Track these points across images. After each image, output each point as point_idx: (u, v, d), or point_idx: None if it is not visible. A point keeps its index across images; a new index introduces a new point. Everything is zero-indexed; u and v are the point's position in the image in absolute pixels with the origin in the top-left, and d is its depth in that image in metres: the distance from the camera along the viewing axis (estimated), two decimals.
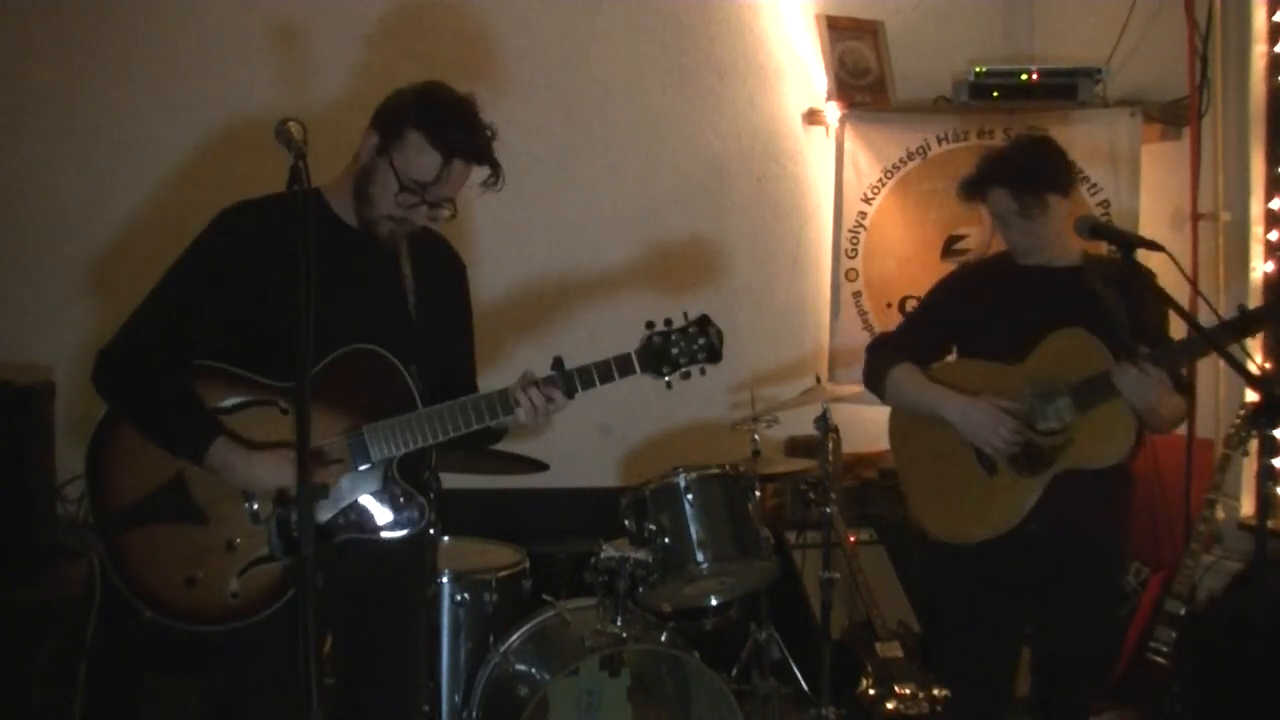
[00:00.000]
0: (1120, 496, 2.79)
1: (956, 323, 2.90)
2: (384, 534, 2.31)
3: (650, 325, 2.36)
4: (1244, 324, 2.52)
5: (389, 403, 2.27)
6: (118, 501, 2.24)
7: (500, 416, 2.28)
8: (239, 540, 2.23)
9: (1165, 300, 2.58)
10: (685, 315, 2.38)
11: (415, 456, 2.35)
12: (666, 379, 2.35)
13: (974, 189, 2.80)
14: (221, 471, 2.18)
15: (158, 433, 2.21)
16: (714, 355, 2.37)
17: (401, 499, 2.31)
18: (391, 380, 2.28)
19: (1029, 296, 2.77)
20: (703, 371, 2.38)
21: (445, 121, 2.21)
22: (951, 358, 2.94)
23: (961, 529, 2.80)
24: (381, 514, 2.31)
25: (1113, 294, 2.59)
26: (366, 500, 2.30)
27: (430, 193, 2.22)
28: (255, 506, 2.24)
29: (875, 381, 2.94)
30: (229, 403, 2.24)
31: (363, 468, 2.27)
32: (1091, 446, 2.64)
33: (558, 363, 2.32)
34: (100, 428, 2.26)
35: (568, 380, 2.30)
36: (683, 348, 2.34)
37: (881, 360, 2.92)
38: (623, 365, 2.32)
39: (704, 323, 2.37)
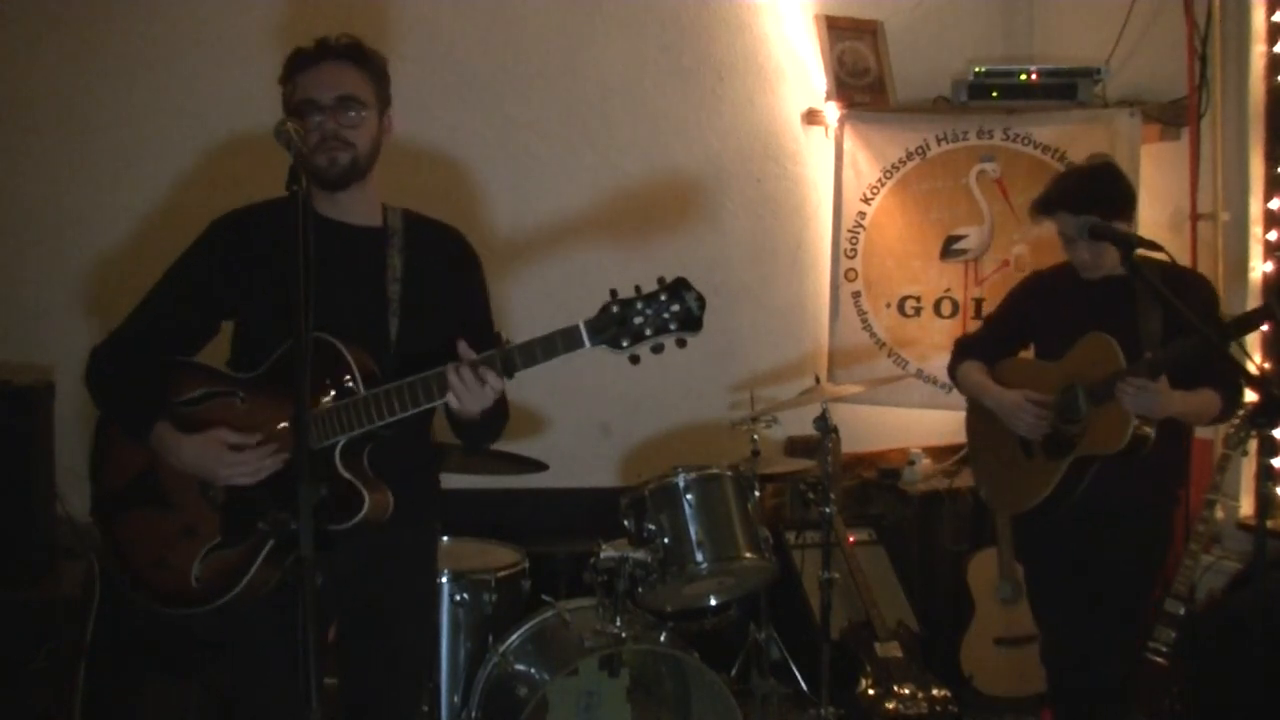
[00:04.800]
0: (1158, 482, 3.03)
1: (1027, 324, 3.26)
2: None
3: (614, 293, 2.12)
4: (1240, 325, 2.77)
5: (335, 389, 2.21)
6: (109, 487, 2.37)
7: (437, 398, 2.17)
8: (198, 527, 2.27)
9: (1201, 309, 2.77)
10: (660, 280, 2.12)
11: (396, 446, 2.29)
12: (629, 352, 2.10)
13: (1043, 211, 3.06)
14: (161, 453, 2.26)
15: (117, 419, 2.34)
16: (690, 323, 2.08)
17: (336, 489, 2.19)
18: (338, 367, 2.22)
19: (1080, 303, 3.07)
20: (680, 344, 2.11)
21: (293, 55, 2.37)
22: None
23: (1003, 501, 3.33)
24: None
25: (1150, 302, 2.88)
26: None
27: (317, 100, 2.27)
28: (211, 493, 2.27)
29: (951, 376, 3.38)
30: (195, 394, 2.30)
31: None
32: (1100, 436, 2.93)
33: (497, 339, 2.23)
34: (99, 420, 2.40)
35: (506, 358, 2.15)
36: (649, 316, 2.08)
37: (956, 358, 3.36)
38: (569, 338, 2.11)
39: (678, 286, 2.09)
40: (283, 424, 2.24)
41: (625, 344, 2.10)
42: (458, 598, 3.35)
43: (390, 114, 2.44)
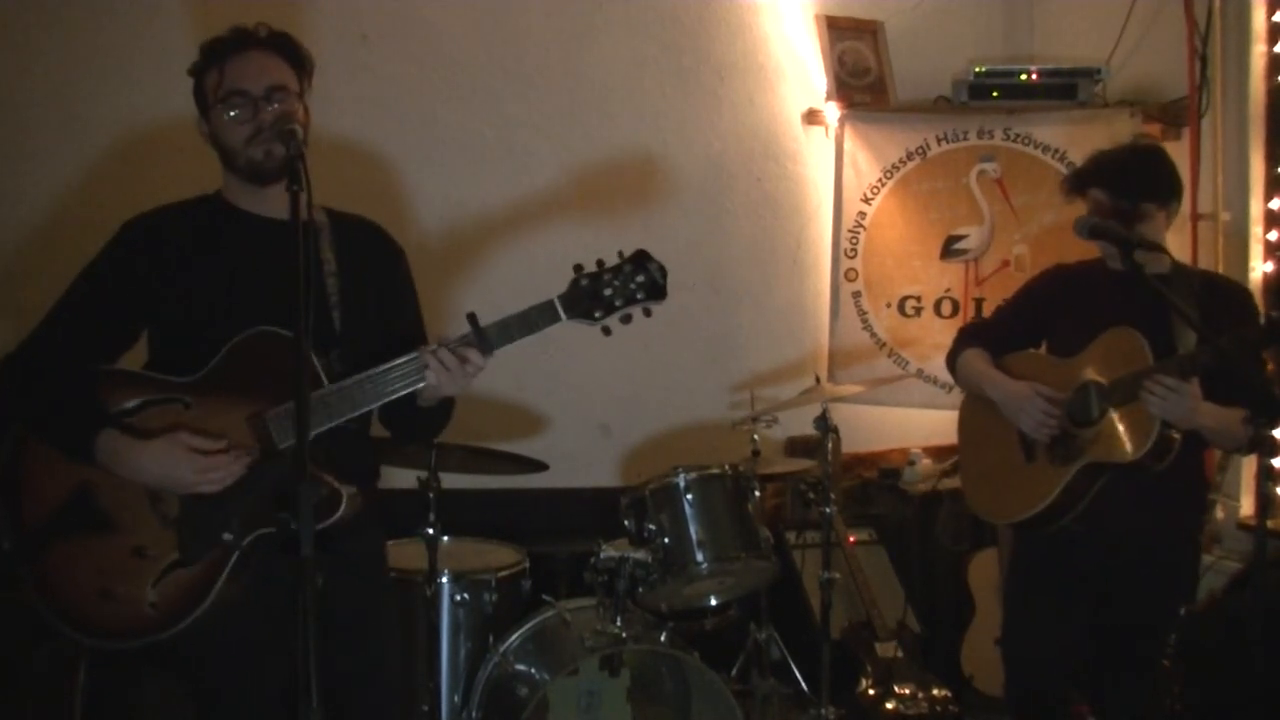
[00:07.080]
0: (1174, 506, 2.80)
1: (1039, 319, 3.01)
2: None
3: (579, 268, 2.19)
4: (1268, 334, 2.54)
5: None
6: (32, 520, 2.14)
7: (414, 383, 2.13)
8: (149, 547, 2.12)
9: (1244, 322, 2.60)
10: (620, 254, 2.21)
11: (352, 442, 2.24)
12: (602, 324, 2.19)
13: (1075, 187, 2.86)
14: (112, 465, 2.09)
15: (49, 435, 2.14)
16: (656, 291, 2.19)
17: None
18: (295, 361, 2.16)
19: (1107, 297, 2.82)
20: (646, 313, 2.21)
21: (212, 42, 2.24)
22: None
23: (991, 508, 3.04)
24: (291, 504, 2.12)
25: (1190, 311, 2.56)
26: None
27: (246, 90, 2.17)
28: (162, 509, 2.12)
29: (950, 363, 3.11)
30: (131, 404, 2.15)
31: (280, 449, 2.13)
32: (1114, 442, 2.70)
33: (471, 319, 2.16)
34: (5, 447, 2.17)
35: (483, 336, 2.14)
36: (617, 287, 2.17)
37: (958, 345, 3.09)
38: (545, 313, 2.16)
39: (640, 257, 2.20)
40: (242, 426, 2.13)
41: (598, 315, 2.18)
42: (458, 598, 3.35)
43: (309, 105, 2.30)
